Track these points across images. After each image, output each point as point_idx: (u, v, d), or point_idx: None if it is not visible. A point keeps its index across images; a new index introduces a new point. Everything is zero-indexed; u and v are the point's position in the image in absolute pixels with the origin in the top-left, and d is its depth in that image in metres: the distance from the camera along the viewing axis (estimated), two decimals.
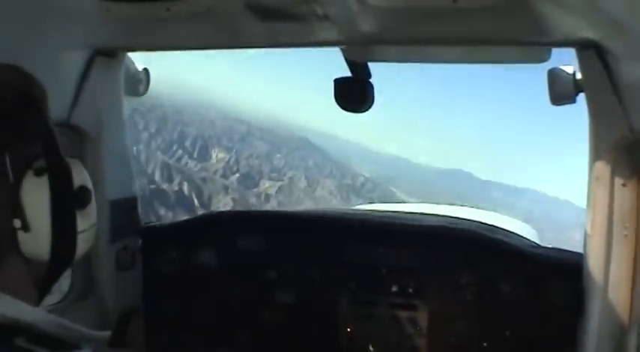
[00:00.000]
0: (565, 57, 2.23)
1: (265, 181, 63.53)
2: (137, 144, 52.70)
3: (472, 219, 3.62)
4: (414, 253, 2.71)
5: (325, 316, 2.82)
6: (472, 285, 2.63)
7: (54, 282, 1.22)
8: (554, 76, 2.27)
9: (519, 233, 3.47)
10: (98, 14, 1.93)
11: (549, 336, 2.52)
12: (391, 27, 2.06)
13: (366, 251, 2.77)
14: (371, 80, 2.73)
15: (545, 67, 2.34)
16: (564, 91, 2.24)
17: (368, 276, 2.76)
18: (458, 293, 2.64)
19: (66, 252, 1.18)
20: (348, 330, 2.81)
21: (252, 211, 4.54)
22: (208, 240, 2.93)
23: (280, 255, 2.85)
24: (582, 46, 2.02)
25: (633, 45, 1.67)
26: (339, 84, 2.68)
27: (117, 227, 2.71)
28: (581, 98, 2.21)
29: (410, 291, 2.71)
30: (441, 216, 3.72)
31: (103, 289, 2.73)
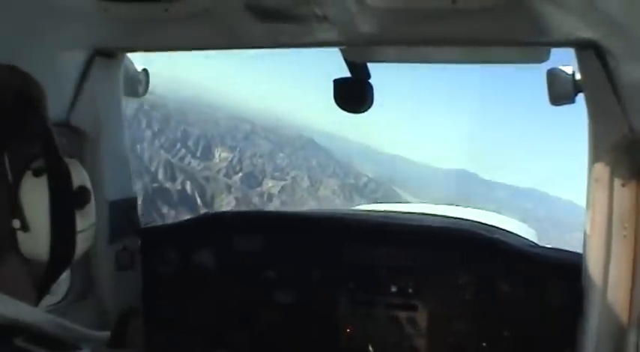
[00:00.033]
0: (564, 57, 2.23)
1: (268, 180, 63.38)
2: (141, 142, 52.62)
3: (470, 219, 3.62)
4: (413, 253, 2.71)
5: (324, 316, 2.82)
6: (471, 285, 2.63)
7: (53, 282, 1.22)
8: (553, 76, 2.27)
9: (518, 233, 3.48)
10: (97, 15, 1.93)
11: (548, 336, 2.53)
12: (390, 28, 2.06)
13: (365, 251, 2.77)
14: (370, 80, 2.73)
15: (544, 67, 2.34)
16: (563, 91, 2.24)
17: (367, 277, 2.76)
18: (457, 293, 2.64)
19: (65, 252, 1.18)
20: (347, 330, 2.81)
21: (250, 212, 4.53)
22: (207, 241, 2.93)
23: (279, 256, 2.85)
24: (581, 46, 2.02)
25: (632, 45, 1.68)
26: (339, 84, 2.68)
27: (116, 227, 2.71)
28: (580, 98, 2.22)
29: (409, 291, 2.71)
30: (440, 217, 3.73)
31: (103, 289, 2.73)
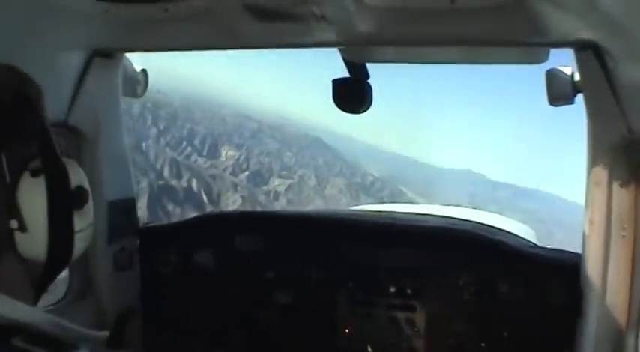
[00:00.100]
0: (563, 58, 2.24)
1: (275, 179, 63.34)
2: (146, 139, 52.62)
3: (470, 220, 3.62)
4: (412, 254, 2.71)
5: (323, 317, 2.82)
6: (470, 286, 2.63)
7: (51, 282, 1.22)
8: (552, 77, 2.27)
9: (517, 233, 3.47)
10: (96, 15, 1.93)
11: (547, 336, 2.52)
12: (389, 28, 2.06)
13: (365, 251, 2.77)
14: (369, 81, 2.73)
15: (543, 68, 2.36)
16: (562, 92, 2.24)
17: (366, 277, 2.76)
18: (456, 293, 2.64)
19: (63, 252, 1.18)
20: (347, 331, 2.81)
21: (249, 212, 4.52)
22: (206, 241, 2.93)
23: (278, 256, 2.85)
24: (580, 47, 2.02)
25: (631, 46, 1.67)
26: (338, 84, 2.68)
27: (115, 227, 2.71)
28: (580, 98, 2.22)
29: (408, 292, 2.71)
30: (440, 217, 3.72)
31: (101, 289, 2.73)
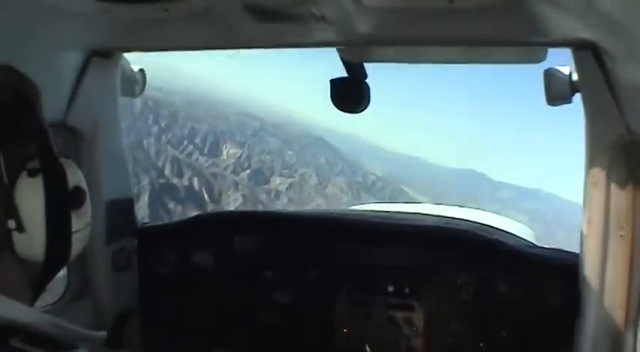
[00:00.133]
0: (561, 58, 2.25)
1: (276, 178, 63.38)
2: (147, 137, 52.53)
3: (469, 220, 3.62)
4: (410, 253, 2.71)
5: (322, 316, 2.82)
6: (469, 285, 2.63)
7: (48, 282, 1.22)
8: (550, 77, 2.28)
9: (515, 233, 3.48)
10: (95, 15, 1.92)
11: (546, 336, 2.53)
12: (387, 28, 2.06)
13: (363, 251, 2.77)
14: (367, 80, 2.73)
15: (541, 67, 2.37)
16: (560, 92, 2.24)
17: (364, 277, 2.76)
18: (454, 293, 2.64)
19: (61, 252, 1.18)
20: (345, 331, 2.81)
21: (248, 212, 4.52)
22: (204, 241, 2.93)
23: (277, 256, 2.85)
24: (578, 47, 2.02)
25: (629, 45, 1.67)
26: (336, 84, 2.68)
27: (113, 228, 2.71)
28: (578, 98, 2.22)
29: (406, 292, 2.71)
30: (438, 217, 3.73)
31: (99, 290, 2.73)
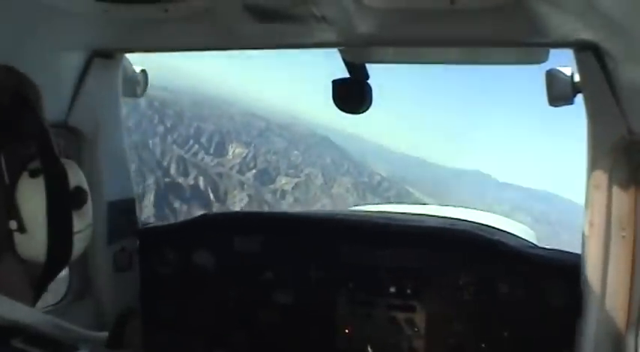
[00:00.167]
0: (563, 58, 2.24)
1: (282, 177, 63.32)
2: (153, 137, 52.57)
3: (469, 220, 3.62)
4: (412, 254, 2.71)
5: (323, 317, 2.81)
6: (470, 286, 2.63)
7: (49, 282, 1.22)
8: (551, 77, 2.27)
9: (517, 234, 3.47)
10: (96, 16, 1.92)
11: (547, 337, 2.52)
12: (389, 28, 2.06)
13: (364, 252, 2.77)
14: (369, 81, 2.73)
15: (543, 68, 2.36)
16: (562, 92, 2.24)
17: (366, 277, 2.76)
18: (456, 294, 2.64)
19: (62, 253, 1.18)
20: (346, 331, 2.80)
21: (248, 212, 4.54)
22: (205, 242, 2.93)
23: (277, 256, 2.85)
24: (580, 48, 2.02)
25: (631, 46, 1.67)
26: (337, 85, 2.68)
27: (114, 228, 2.71)
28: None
29: (408, 292, 2.71)
30: (439, 218, 3.72)
31: (101, 290, 2.73)
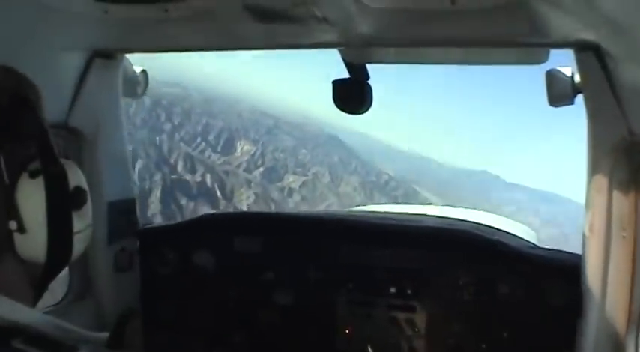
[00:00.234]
0: (563, 59, 2.24)
1: (289, 176, 63.23)
2: (160, 134, 52.57)
3: (469, 220, 3.62)
4: (412, 254, 2.71)
5: (323, 317, 2.81)
6: (470, 286, 2.63)
7: (49, 283, 1.22)
8: (552, 78, 2.27)
9: (518, 234, 3.47)
10: (96, 16, 1.92)
11: (547, 338, 2.52)
12: (389, 29, 2.06)
13: (364, 252, 2.77)
14: (369, 82, 2.73)
15: (543, 68, 2.36)
16: (562, 93, 2.24)
17: (366, 278, 2.76)
18: (456, 294, 2.64)
19: (62, 253, 1.18)
20: (347, 332, 2.80)
21: (249, 213, 4.55)
22: (206, 242, 2.93)
23: (278, 257, 2.85)
24: (580, 48, 2.02)
25: (632, 47, 1.67)
26: (338, 85, 2.68)
27: (114, 228, 2.71)
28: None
29: (408, 292, 2.71)
30: (439, 218, 3.72)
31: (101, 291, 2.73)
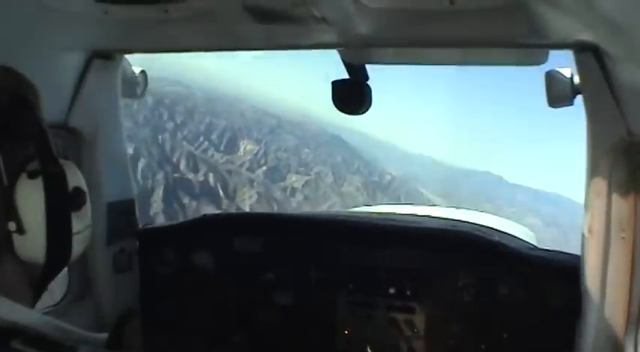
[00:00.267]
0: (562, 60, 2.24)
1: (292, 175, 63.06)
2: (162, 132, 52.48)
3: (469, 222, 3.62)
4: (412, 255, 2.71)
5: (323, 318, 2.81)
6: (470, 287, 2.63)
7: (49, 284, 1.22)
8: (551, 79, 2.27)
9: (517, 235, 3.48)
10: (96, 16, 1.92)
11: (547, 338, 2.52)
12: (389, 29, 2.06)
13: (364, 253, 2.77)
14: (368, 82, 2.73)
15: (543, 69, 2.36)
16: (562, 94, 2.24)
17: (366, 278, 2.76)
18: (455, 295, 2.64)
19: (61, 254, 1.18)
20: (346, 332, 2.80)
21: (248, 213, 4.54)
22: (205, 242, 2.93)
23: (278, 257, 2.85)
24: (580, 49, 2.02)
25: (631, 47, 1.67)
26: (337, 86, 2.68)
27: (114, 229, 2.71)
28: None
29: (408, 293, 2.71)
30: (439, 219, 3.72)
31: (100, 291, 2.73)
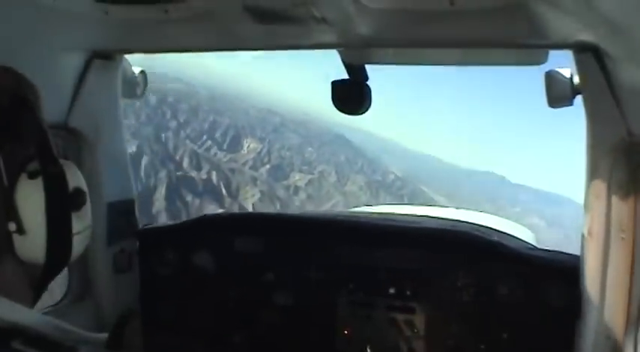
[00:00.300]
0: (562, 59, 2.16)
1: (295, 174, 63.09)
2: (166, 131, 52.52)
3: (469, 222, 3.62)
4: (412, 255, 2.71)
5: (323, 318, 2.81)
6: (469, 287, 2.63)
7: (48, 284, 1.22)
8: (551, 79, 2.27)
9: (517, 235, 3.48)
10: (96, 17, 1.93)
11: (546, 339, 2.52)
12: (388, 29, 2.06)
13: (364, 253, 2.77)
14: (368, 82, 2.73)
15: (542, 69, 2.24)
16: (562, 94, 2.24)
17: (365, 278, 2.76)
18: (455, 295, 2.64)
19: (61, 254, 1.18)
20: (346, 332, 2.80)
21: (249, 213, 4.55)
22: (205, 242, 2.93)
23: (278, 257, 2.85)
24: (580, 49, 2.02)
25: (631, 48, 1.67)
26: (337, 86, 2.68)
27: (114, 229, 2.72)
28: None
29: (407, 293, 2.71)
30: (439, 219, 3.73)
31: (101, 291, 2.73)
